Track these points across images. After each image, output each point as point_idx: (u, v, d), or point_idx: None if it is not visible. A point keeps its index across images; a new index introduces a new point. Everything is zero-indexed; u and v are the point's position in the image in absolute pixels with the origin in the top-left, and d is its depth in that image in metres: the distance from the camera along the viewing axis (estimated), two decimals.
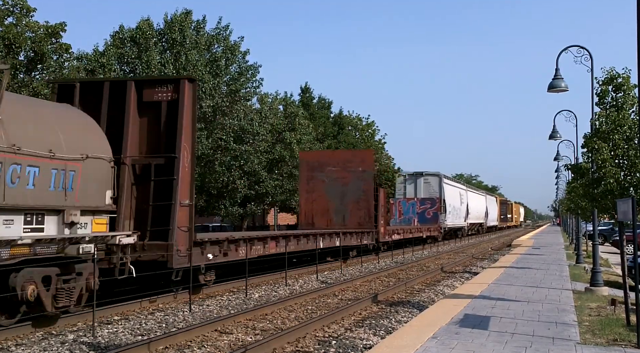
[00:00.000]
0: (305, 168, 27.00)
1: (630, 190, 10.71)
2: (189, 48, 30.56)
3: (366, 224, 25.86)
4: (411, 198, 42.87)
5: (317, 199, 26.19)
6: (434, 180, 44.62)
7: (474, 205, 58.95)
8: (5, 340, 9.64)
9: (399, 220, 40.72)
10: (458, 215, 49.87)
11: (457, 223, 49.53)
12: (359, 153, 31.31)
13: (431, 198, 42.50)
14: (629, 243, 23.48)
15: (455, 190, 49.98)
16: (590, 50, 15.23)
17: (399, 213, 41.71)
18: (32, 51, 21.96)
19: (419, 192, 44.19)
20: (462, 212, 52.05)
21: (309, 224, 26.00)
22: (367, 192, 26.03)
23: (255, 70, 34.16)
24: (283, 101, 43.33)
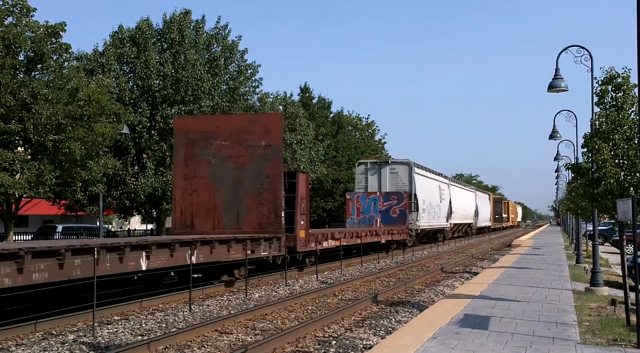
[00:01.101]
0: (183, 141, 18.76)
1: (630, 190, 10.71)
2: (187, 48, 30.56)
3: (270, 226, 17.87)
4: (373, 193, 34.11)
5: (200, 189, 18.35)
6: (403, 170, 35.74)
7: (459, 203, 50.55)
8: (5, 340, 9.64)
9: (357, 221, 33.19)
10: (436, 214, 41.24)
11: (434, 224, 40.85)
12: (262, 118, 19.65)
13: (398, 192, 33.93)
14: (629, 243, 23.49)
15: (432, 184, 41.01)
16: (590, 50, 15.24)
17: (357, 211, 33.62)
18: (31, 51, 21.96)
19: (383, 184, 35.44)
20: (442, 210, 43.55)
21: (187, 226, 18.29)
22: (273, 177, 18.04)
23: (255, 69, 34.16)
24: (283, 101, 43.32)
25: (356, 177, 36.96)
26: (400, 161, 36.50)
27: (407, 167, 35.99)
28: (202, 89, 29.55)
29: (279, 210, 17.99)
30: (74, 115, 20.85)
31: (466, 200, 54.99)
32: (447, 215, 45.31)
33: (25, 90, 20.99)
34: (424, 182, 38.48)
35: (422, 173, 38.76)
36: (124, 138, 27.25)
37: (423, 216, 36.78)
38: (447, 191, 46.33)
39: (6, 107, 20.77)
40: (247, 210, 18.05)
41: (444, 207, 44.49)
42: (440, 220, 42.94)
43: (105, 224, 43.83)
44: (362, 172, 36.48)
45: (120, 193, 28.72)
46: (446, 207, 45.09)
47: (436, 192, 42.03)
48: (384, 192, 34.18)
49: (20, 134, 21.44)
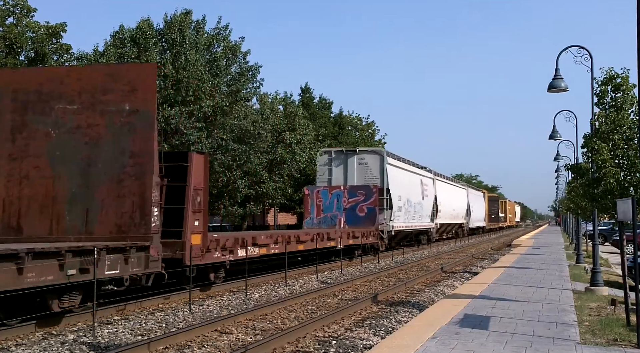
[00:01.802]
0: (9, 104, 12.87)
1: (630, 190, 10.72)
2: (188, 48, 30.57)
3: (135, 229, 11.98)
4: (336, 188, 28.52)
5: (33, 175, 12.49)
6: (373, 160, 29.76)
7: (447, 201, 44.85)
8: (5, 340, 9.64)
9: (317, 221, 27.75)
10: (417, 213, 35.49)
11: (415, 225, 34.88)
12: (125, 71, 12.98)
13: (366, 186, 28.32)
14: (629, 243, 23.49)
15: (411, 178, 35.12)
16: (590, 50, 15.25)
17: (317, 210, 28.06)
18: (32, 51, 21.99)
19: (350, 177, 29.68)
20: (425, 208, 37.59)
21: (11, 229, 12.30)
22: (141, 157, 12.17)
23: (256, 71, 34.16)
24: (283, 101, 43.32)
25: (318, 169, 30.61)
26: (370, 150, 31.17)
27: (378, 157, 29.82)
28: (202, 90, 29.56)
29: (148, 206, 11.96)
30: None
31: (456, 198, 49.58)
32: (432, 214, 39.64)
33: None
34: (400, 175, 32.41)
35: (398, 164, 32.64)
36: None
37: (399, 215, 31.01)
38: (432, 187, 40.52)
39: None
40: (101, 206, 12.05)
41: (428, 205, 38.50)
42: (423, 220, 37.14)
43: None
44: (325, 162, 30.26)
45: None
46: (430, 205, 39.23)
47: (417, 187, 36.18)
48: (350, 187, 28.39)
49: None
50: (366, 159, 29.95)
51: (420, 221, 36.18)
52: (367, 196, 27.81)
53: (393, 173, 30.73)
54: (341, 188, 28.31)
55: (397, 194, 30.73)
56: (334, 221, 27.53)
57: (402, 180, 32.42)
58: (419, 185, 36.62)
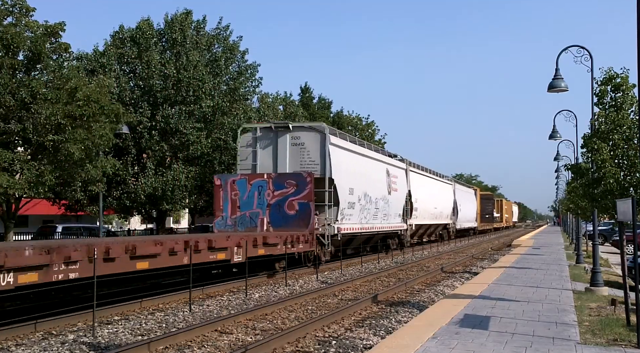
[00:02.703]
0: None
1: (630, 190, 10.72)
2: (189, 48, 30.56)
3: None
4: (258, 176, 21.50)
5: None
6: (312, 140, 22.41)
7: (426, 196, 37.54)
8: (5, 340, 9.64)
9: (232, 222, 21.22)
10: (380, 211, 27.90)
11: (378, 226, 27.55)
12: None
13: (297, 174, 21.22)
14: (629, 243, 23.50)
15: (370, 165, 27.02)
16: (590, 50, 15.25)
17: (232, 206, 21.39)
18: (30, 51, 21.96)
19: (281, 162, 22.50)
20: (393, 205, 29.89)
21: None
22: None
23: (255, 70, 34.16)
24: (283, 101, 43.32)
25: (239, 152, 23.28)
26: (307, 126, 23.49)
27: (318, 136, 22.32)
28: (203, 90, 29.57)
29: None
30: (73, 115, 20.85)
31: (439, 194, 42.03)
32: (405, 212, 32.47)
33: (25, 90, 21.00)
34: (352, 161, 24.70)
35: (349, 147, 24.78)
36: (125, 138, 27.27)
37: (350, 214, 23.87)
38: (404, 179, 33.14)
39: (5, 107, 20.77)
40: None
41: (398, 202, 30.95)
42: (391, 220, 29.74)
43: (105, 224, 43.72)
44: (248, 143, 23.02)
45: (120, 193, 28.70)
46: (402, 201, 31.88)
47: (381, 178, 28.29)
48: (276, 175, 21.35)
49: (19, 134, 21.43)
50: (302, 138, 22.41)
51: (386, 221, 28.75)
52: (299, 187, 20.70)
53: (340, 157, 23.11)
54: (264, 177, 21.17)
55: (346, 186, 23.21)
56: (254, 222, 20.96)
57: (355, 168, 24.73)
58: (383, 176, 28.65)
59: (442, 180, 45.93)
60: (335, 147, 22.91)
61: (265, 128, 23.05)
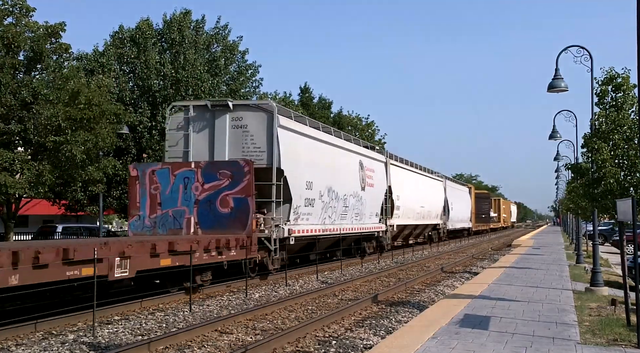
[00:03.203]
0: None
1: (630, 190, 10.72)
2: (187, 48, 30.58)
3: None
4: (185, 166, 17.50)
5: None
6: (257, 122, 18.26)
7: (411, 194, 33.37)
8: (5, 340, 9.64)
9: (151, 222, 17.20)
10: (351, 210, 23.91)
11: (348, 228, 23.43)
12: None
13: (232, 162, 17.22)
14: (629, 243, 23.50)
15: (336, 155, 22.74)
16: (590, 50, 15.25)
17: (151, 202, 17.27)
18: (31, 51, 21.97)
19: (219, 149, 18.36)
20: (368, 203, 25.70)
21: None
22: None
23: (255, 70, 34.18)
24: (283, 101, 43.32)
25: (168, 136, 18.89)
26: (253, 104, 18.85)
27: (265, 117, 17.97)
28: (202, 89, 29.58)
29: None
30: (74, 118, 20.86)
31: (426, 192, 37.82)
32: (384, 212, 28.44)
33: (26, 90, 21.01)
34: (311, 148, 20.29)
35: (305, 131, 20.15)
36: (125, 138, 27.27)
37: (308, 212, 19.77)
38: (384, 174, 28.75)
39: (6, 106, 20.78)
40: None
41: (374, 199, 26.74)
42: (365, 220, 25.75)
43: (105, 224, 43.74)
44: (179, 125, 18.68)
45: (120, 193, 28.72)
46: (379, 198, 27.56)
47: (352, 171, 24.20)
48: (205, 163, 17.14)
49: (20, 134, 21.44)
50: (246, 120, 18.11)
51: (359, 221, 24.84)
52: (235, 179, 16.57)
53: (293, 144, 18.81)
54: (191, 166, 17.05)
55: (302, 179, 19.14)
56: (180, 222, 16.91)
57: (316, 158, 20.55)
58: (355, 169, 24.48)
59: (431, 176, 41.70)
60: (287, 130, 18.54)
61: (200, 107, 18.69)
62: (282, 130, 18.17)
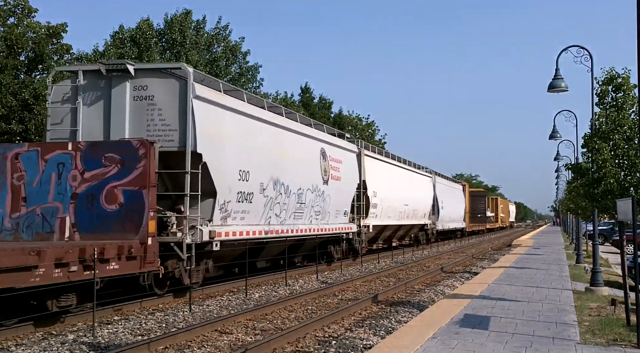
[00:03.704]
0: None
1: (630, 190, 10.73)
2: (188, 48, 30.60)
3: None
4: (59, 147, 12.57)
5: None
6: (166, 90, 13.69)
7: (391, 189, 29.21)
8: (5, 340, 9.64)
9: (13, 223, 12.38)
10: (309, 208, 20.05)
11: (306, 229, 19.65)
12: None
13: (124, 143, 12.65)
14: (629, 243, 23.49)
15: (285, 138, 18.33)
16: (590, 50, 15.26)
17: (12, 197, 12.44)
18: (32, 52, 22.00)
19: (117, 127, 13.73)
20: (333, 200, 21.76)
21: None
22: None
23: (256, 71, 34.21)
24: (283, 101, 43.34)
25: (50, 111, 14.48)
26: (160, 68, 14.48)
27: (176, 85, 13.84)
28: None
29: None
30: None
31: (411, 188, 33.75)
32: (357, 210, 24.57)
33: (27, 90, 21.03)
34: (246, 129, 15.90)
35: (233, 105, 15.42)
36: None
37: (244, 210, 15.68)
38: (355, 166, 24.74)
39: (7, 107, 20.80)
40: None
41: (341, 195, 22.69)
42: (330, 220, 21.76)
43: None
44: (65, 96, 14.31)
45: None
46: (349, 194, 23.66)
47: (310, 161, 20.04)
48: (86, 145, 12.62)
49: (21, 134, 21.46)
50: (152, 89, 13.83)
51: (320, 221, 20.78)
52: (127, 165, 12.24)
53: (216, 121, 14.46)
54: (67, 149, 12.52)
55: (234, 167, 14.97)
56: (52, 223, 12.36)
57: (254, 141, 16.03)
58: (315, 158, 20.32)
59: (417, 171, 37.30)
60: (207, 103, 13.94)
61: (93, 73, 14.06)
62: (200, 103, 13.71)
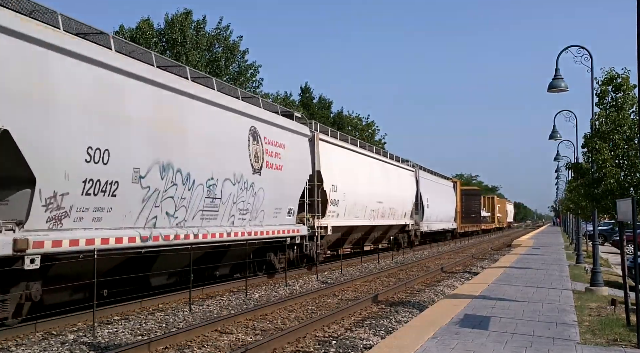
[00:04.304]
0: None
1: (630, 190, 10.72)
2: (189, 48, 30.61)
3: None
4: None
5: None
6: None
7: (362, 184, 25.33)
8: (5, 340, 9.64)
9: None
10: (228, 205, 14.98)
11: (226, 234, 14.74)
12: None
13: None
14: (629, 243, 23.50)
15: (185, 105, 13.24)
16: (590, 50, 15.25)
17: None
18: None
19: None
20: (269, 195, 17.06)
21: None
22: None
23: (255, 70, 34.22)
24: (283, 101, 43.35)
25: None
26: None
27: None
28: None
29: None
30: None
31: (387, 183, 28.97)
32: (306, 208, 20.15)
33: None
34: (92, 82, 10.55)
35: (71, 47, 10.01)
36: None
37: (97, 207, 10.75)
38: (306, 152, 20.10)
39: None
40: None
41: (280, 188, 17.93)
42: (266, 221, 17.36)
43: None
44: None
45: None
46: (292, 187, 18.87)
47: (231, 139, 15.36)
48: None
49: None
50: None
51: (248, 222, 16.18)
52: None
53: (28, 66, 9.47)
54: None
55: (72, 141, 10.17)
56: None
57: (115, 106, 11.26)
58: (240, 138, 15.74)
59: (394, 163, 32.09)
60: (10, 36, 9.15)
61: None
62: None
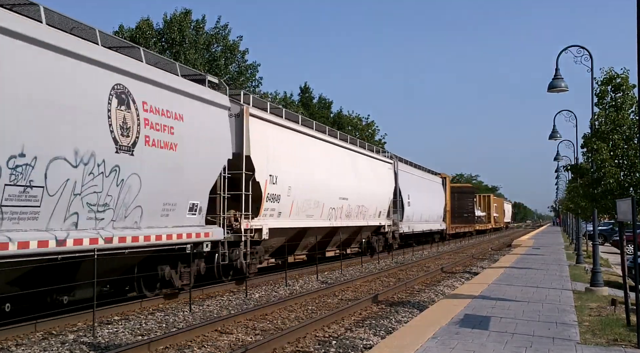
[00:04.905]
0: None
1: (630, 190, 10.73)
2: (188, 48, 30.61)
3: None
4: None
5: None
6: None
7: (317, 175, 20.53)
8: (5, 340, 9.64)
9: None
10: (81, 202, 9.89)
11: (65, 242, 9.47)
12: None
13: None
14: (629, 243, 23.50)
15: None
16: (590, 50, 15.25)
17: None
18: None
19: None
20: (148, 183, 11.41)
21: None
22: None
23: (255, 70, 34.23)
24: (283, 101, 43.36)
25: None
26: None
27: None
28: None
29: None
30: None
31: (354, 175, 24.38)
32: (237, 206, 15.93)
33: None
34: None
35: None
36: None
37: None
38: (222, 129, 14.81)
39: None
40: None
41: (174, 177, 12.45)
42: (154, 222, 12.03)
43: None
44: None
45: None
46: (199, 174, 13.52)
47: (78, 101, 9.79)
48: None
49: None
50: None
51: (107, 224, 10.78)
52: None
53: None
54: None
55: None
56: None
57: None
58: (97, 99, 10.26)
59: (364, 151, 26.69)
60: None
61: None
62: None
